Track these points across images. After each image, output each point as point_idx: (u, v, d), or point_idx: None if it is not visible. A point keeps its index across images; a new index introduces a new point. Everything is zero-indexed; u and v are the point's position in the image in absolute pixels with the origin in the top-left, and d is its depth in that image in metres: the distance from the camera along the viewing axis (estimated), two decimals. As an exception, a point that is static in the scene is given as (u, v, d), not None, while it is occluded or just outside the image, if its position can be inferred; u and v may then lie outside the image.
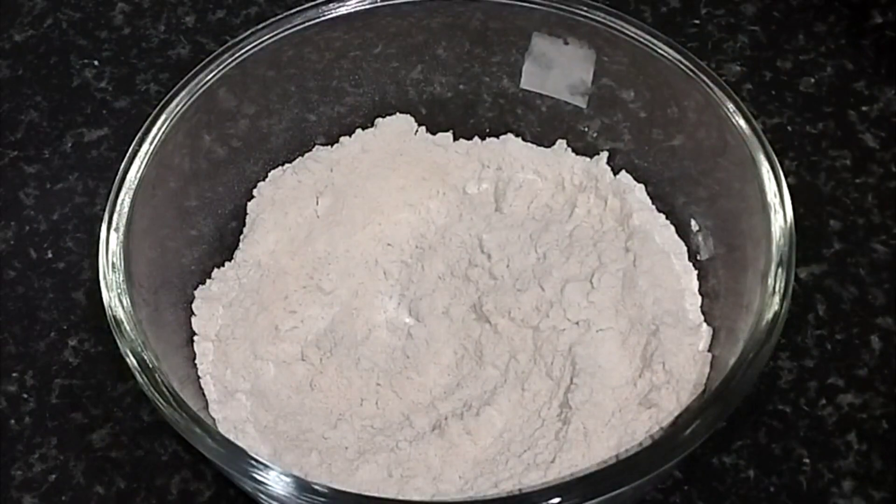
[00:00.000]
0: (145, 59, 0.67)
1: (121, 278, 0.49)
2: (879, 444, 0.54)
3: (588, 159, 0.59)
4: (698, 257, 0.56)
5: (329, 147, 0.60)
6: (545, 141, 0.60)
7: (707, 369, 0.52)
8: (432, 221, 0.59)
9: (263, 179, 0.59)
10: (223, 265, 0.57)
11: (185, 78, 0.55)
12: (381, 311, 0.57)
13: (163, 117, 0.54)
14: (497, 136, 0.61)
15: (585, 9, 0.56)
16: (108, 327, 0.49)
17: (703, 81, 0.54)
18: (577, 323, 0.54)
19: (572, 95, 0.59)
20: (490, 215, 0.58)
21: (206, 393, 0.53)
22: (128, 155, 0.53)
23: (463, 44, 0.60)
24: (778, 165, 0.52)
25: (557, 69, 0.59)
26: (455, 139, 0.61)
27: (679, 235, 0.57)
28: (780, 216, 0.50)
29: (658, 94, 0.57)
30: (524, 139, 0.61)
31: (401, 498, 0.49)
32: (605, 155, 0.59)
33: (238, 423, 0.52)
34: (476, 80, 0.60)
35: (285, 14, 0.57)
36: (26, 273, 0.60)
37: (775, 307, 0.48)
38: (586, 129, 0.60)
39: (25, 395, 0.56)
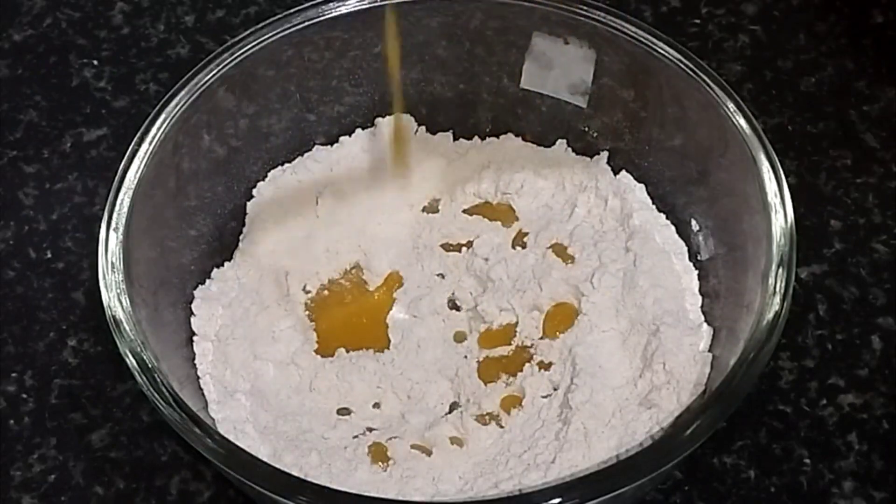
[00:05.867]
0: (145, 58, 0.67)
1: (120, 278, 0.49)
2: (880, 445, 0.54)
3: (588, 159, 0.59)
4: (699, 257, 0.56)
5: (329, 147, 0.60)
6: (545, 141, 0.60)
7: (707, 369, 0.52)
8: (432, 221, 0.59)
9: (263, 179, 0.59)
10: (223, 265, 0.57)
11: (185, 78, 0.55)
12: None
13: (162, 117, 0.54)
14: (497, 136, 0.61)
15: (585, 9, 0.56)
16: (107, 327, 0.49)
17: (704, 81, 0.54)
18: (576, 323, 0.54)
19: (572, 95, 0.59)
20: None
21: (205, 393, 0.53)
22: (127, 155, 0.53)
23: (463, 44, 0.60)
24: (778, 165, 0.51)
25: (557, 69, 0.58)
26: (455, 139, 0.61)
27: (679, 235, 0.57)
28: (781, 216, 0.50)
29: (658, 94, 0.57)
30: (524, 139, 0.61)
31: (401, 498, 0.49)
32: (605, 155, 0.59)
33: (238, 424, 0.52)
34: (476, 80, 0.60)
35: (285, 13, 0.57)
36: (25, 273, 0.59)
37: (776, 307, 0.48)
38: (586, 129, 0.59)
39: (25, 396, 0.56)
